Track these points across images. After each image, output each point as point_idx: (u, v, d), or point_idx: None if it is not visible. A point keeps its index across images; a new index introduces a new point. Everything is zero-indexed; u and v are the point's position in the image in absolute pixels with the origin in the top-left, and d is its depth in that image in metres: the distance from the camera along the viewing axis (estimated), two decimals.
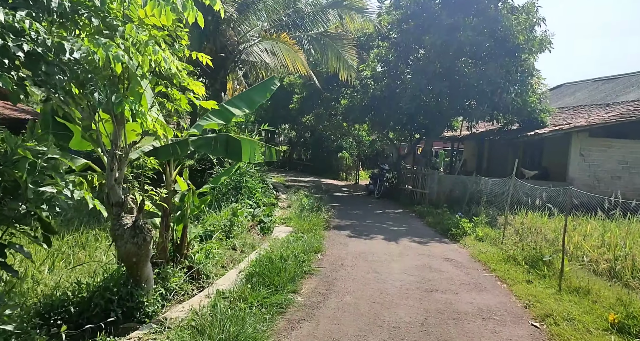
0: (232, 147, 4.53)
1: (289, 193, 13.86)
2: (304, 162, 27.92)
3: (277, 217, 9.22)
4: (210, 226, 7.61)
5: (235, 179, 10.27)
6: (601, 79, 19.65)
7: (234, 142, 4.52)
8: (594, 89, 18.97)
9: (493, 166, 21.86)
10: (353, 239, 8.41)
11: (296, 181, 20.85)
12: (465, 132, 21.14)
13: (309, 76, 13.88)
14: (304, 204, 10.37)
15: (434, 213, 11.53)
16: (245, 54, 14.26)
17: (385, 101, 14.95)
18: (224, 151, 4.49)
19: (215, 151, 4.44)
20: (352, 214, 11.87)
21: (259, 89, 5.28)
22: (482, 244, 8.33)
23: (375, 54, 14.53)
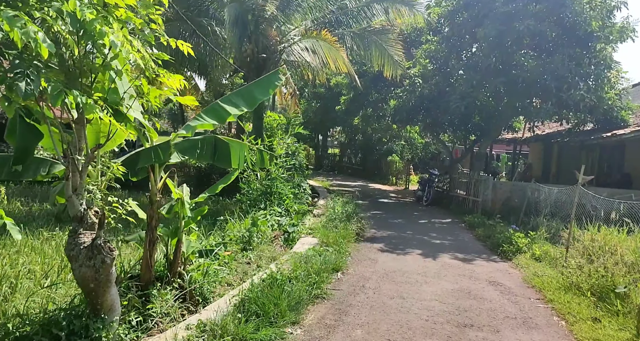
0: (220, 151, 3.94)
1: (330, 199, 13.17)
2: (353, 166, 27.10)
3: (305, 226, 8.56)
4: (229, 236, 7.14)
5: (266, 184, 9.78)
6: None
7: (222, 145, 3.94)
8: None
9: (563, 171, 19.55)
10: (384, 255, 7.51)
11: (342, 185, 20.13)
12: (527, 134, 19.18)
13: (351, 75, 13.10)
14: (336, 212, 9.62)
15: (486, 224, 10.24)
16: (286, 53, 13.82)
17: (435, 100, 13.78)
18: (211, 155, 3.91)
19: (201, 155, 3.87)
20: (392, 223, 10.90)
21: (261, 85, 4.63)
22: (538, 265, 7.05)
23: (423, 50, 13.41)
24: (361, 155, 26.20)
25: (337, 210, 9.78)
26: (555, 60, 10.95)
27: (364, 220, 10.66)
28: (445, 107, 13.02)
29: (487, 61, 11.47)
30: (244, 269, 5.94)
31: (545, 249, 7.58)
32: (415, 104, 14.61)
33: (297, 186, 11.84)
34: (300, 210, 10.14)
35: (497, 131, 14.45)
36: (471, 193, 12.98)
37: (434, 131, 16.55)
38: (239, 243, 6.97)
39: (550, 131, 17.28)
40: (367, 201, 15.07)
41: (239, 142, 4.21)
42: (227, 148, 3.98)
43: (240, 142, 4.21)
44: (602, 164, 15.01)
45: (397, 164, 22.16)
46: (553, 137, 15.54)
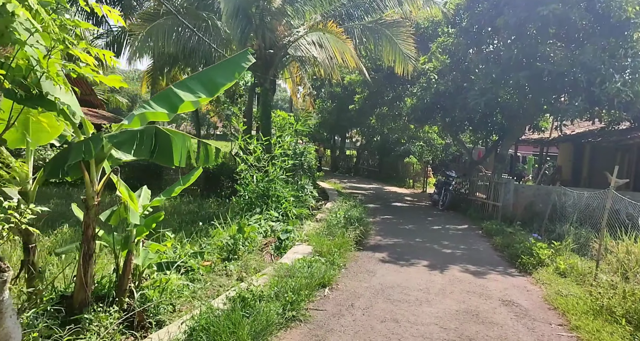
0: (161, 145, 3.29)
1: (338, 202, 12.42)
2: (370, 168, 26.20)
3: (301, 233, 7.84)
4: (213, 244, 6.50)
5: (264, 186, 9.13)
6: None
7: (163, 138, 3.28)
8: None
9: (595, 174, 18.12)
10: (385, 266, 6.70)
11: (356, 188, 19.32)
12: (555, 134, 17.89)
13: (360, 69, 12.31)
14: (338, 217, 8.85)
15: (505, 231, 9.25)
16: (293, 48, 13.17)
17: (452, 97, 12.84)
18: (150, 150, 3.26)
19: (139, 150, 3.22)
20: (401, 230, 10.05)
21: (225, 67, 3.92)
22: (563, 282, 6.09)
23: (439, 43, 12.48)
24: (378, 157, 25.28)
25: (339, 215, 9.02)
26: (586, 51, 9.85)
27: (370, 225, 9.87)
28: (463, 104, 12.06)
29: (509, 52, 10.46)
30: (221, 283, 5.28)
31: (571, 263, 6.60)
32: (430, 101, 13.68)
33: (302, 188, 11.15)
34: (301, 214, 9.44)
35: (520, 131, 13.36)
36: (491, 197, 11.96)
37: (452, 130, 15.54)
38: (223, 252, 6.33)
39: (581, 131, 15.99)
40: (379, 205, 14.22)
41: (182, 134, 3.53)
42: (168, 142, 3.32)
43: (183, 135, 3.53)
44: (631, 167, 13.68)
45: (414, 166, 21.15)
46: (584, 137, 14.29)
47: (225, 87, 3.85)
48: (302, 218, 9.53)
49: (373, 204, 14.34)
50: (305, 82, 25.64)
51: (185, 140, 3.48)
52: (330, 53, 11.91)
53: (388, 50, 11.73)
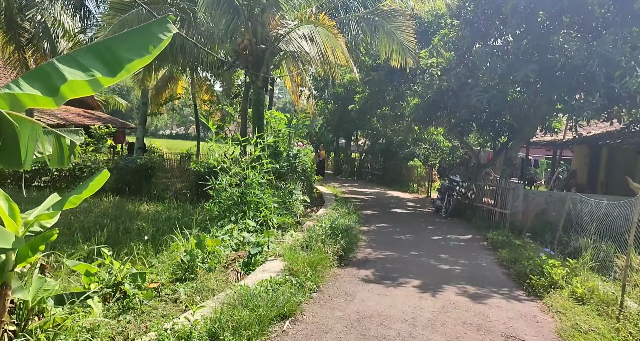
0: (5, 137, 2.37)
1: (332, 209, 11.47)
2: (373, 172, 25.17)
3: (278, 246, 6.89)
4: (169, 260, 5.61)
5: (239, 191, 8.20)
6: None
7: (7, 128, 2.36)
8: None
9: (613, 179, 16.86)
10: (368, 287, 5.71)
11: (356, 192, 18.33)
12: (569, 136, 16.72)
13: (350, 66, 11.35)
14: (323, 227, 7.88)
15: (512, 243, 8.20)
16: (285, 43, 12.26)
17: (455, 94, 11.81)
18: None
19: None
20: (396, 240, 9.04)
21: (134, 38, 2.94)
22: (581, 311, 5.04)
23: (442, 36, 11.48)
24: (381, 160, 24.25)
25: (324, 224, 8.04)
26: (605, 41, 8.77)
27: (360, 236, 8.89)
28: (466, 102, 11.02)
29: (517, 44, 9.42)
30: (163, 312, 4.35)
31: (591, 286, 5.53)
32: (433, 100, 12.68)
33: (289, 193, 10.21)
34: (284, 223, 8.49)
35: (531, 132, 12.25)
36: (498, 204, 10.88)
37: (457, 131, 14.49)
38: (179, 270, 5.41)
39: (598, 132, 14.82)
40: (377, 211, 13.22)
41: (31, 122, 2.58)
42: (13, 133, 2.41)
43: (32, 123, 2.58)
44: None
45: (418, 170, 20.09)
46: (601, 139, 13.12)
47: (135, 66, 2.91)
48: (286, 227, 8.60)
49: (370, 210, 13.35)
50: (306, 83, 24.80)
51: (34, 130, 2.53)
52: (322, 48, 11.00)
53: (384, 41, 10.76)
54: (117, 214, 10.77)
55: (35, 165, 14.22)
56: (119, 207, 12.00)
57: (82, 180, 15.15)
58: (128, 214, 10.94)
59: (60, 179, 15.02)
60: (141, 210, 11.97)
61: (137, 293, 4.36)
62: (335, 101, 25.44)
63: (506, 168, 12.05)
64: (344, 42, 10.45)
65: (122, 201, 13.18)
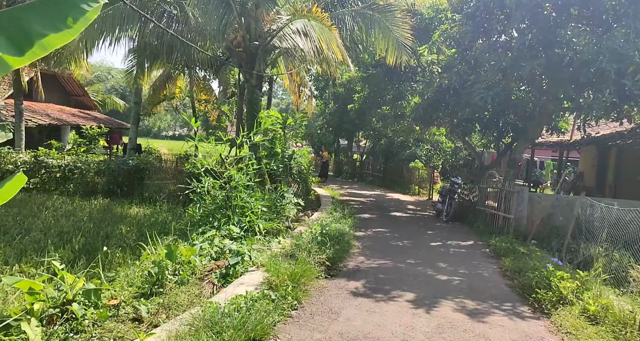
0: None
1: (326, 213, 10.94)
2: (374, 173, 24.61)
3: (262, 255, 6.36)
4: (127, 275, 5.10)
5: (223, 194, 7.69)
6: None
7: None
8: None
9: (623, 182, 16.21)
10: (357, 302, 5.17)
11: (355, 195, 17.80)
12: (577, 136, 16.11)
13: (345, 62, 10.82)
14: (314, 233, 7.35)
15: (517, 251, 7.62)
16: (278, 38, 11.77)
17: (457, 93, 11.25)
18: None
19: None
20: (392, 247, 8.49)
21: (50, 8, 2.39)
22: (594, 333, 4.47)
23: (442, 31, 10.93)
24: (382, 161, 23.70)
25: (314, 230, 7.51)
26: (615, 35, 8.19)
27: (354, 242, 8.35)
28: (468, 101, 10.46)
29: (521, 38, 8.86)
30: (119, 334, 3.83)
31: (605, 303, 4.96)
32: (433, 98, 12.13)
33: (281, 196, 9.70)
34: (272, 229, 7.97)
35: (536, 132, 11.65)
36: (501, 208, 10.30)
37: (459, 131, 13.92)
38: (146, 284, 4.90)
39: (607, 132, 14.18)
40: (375, 215, 12.67)
41: None
42: None
43: None
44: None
45: (420, 171, 19.51)
46: (611, 139, 12.50)
47: (52, 43, 2.36)
48: (275, 233, 8.08)
49: (368, 214, 12.80)
50: (306, 83, 24.30)
51: None
52: (316, 43, 10.49)
53: (380, 38, 10.23)
54: (101, 217, 10.30)
55: (24, 166, 13.79)
56: (106, 210, 11.53)
57: (73, 182, 14.75)
58: (114, 218, 10.46)
59: (49, 180, 14.58)
60: (129, 213, 11.48)
61: (87, 314, 3.85)
62: (335, 100, 24.95)
63: (510, 170, 11.47)
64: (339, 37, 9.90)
65: (112, 203, 12.71)
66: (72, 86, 22.76)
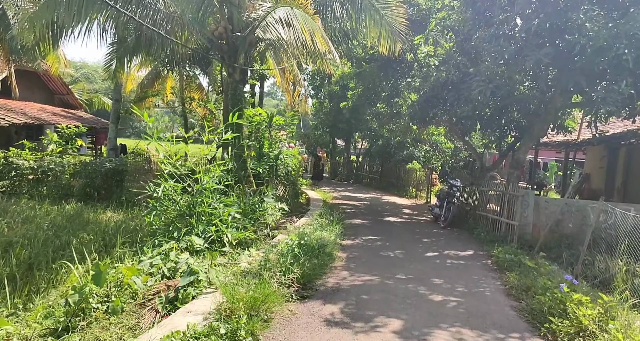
0: None
1: (312, 218, 10.01)
2: (370, 175, 23.63)
3: (225, 272, 5.40)
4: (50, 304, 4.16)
5: (187, 199, 6.74)
6: None
7: None
8: None
9: (632, 183, 15.24)
10: (330, 334, 4.20)
11: (349, 198, 16.84)
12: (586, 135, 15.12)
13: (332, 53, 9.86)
14: (290, 245, 6.38)
15: (522, 264, 6.66)
16: (262, 29, 10.83)
17: (455, 87, 10.30)
18: None
19: None
20: (383, 258, 7.51)
21: None
22: None
23: (439, 19, 9.97)
24: (379, 162, 22.71)
25: (290, 242, 6.54)
26: (634, 18, 7.23)
27: (339, 253, 7.40)
28: (467, 96, 9.49)
29: (527, 24, 7.90)
30: None
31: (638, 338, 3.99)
32: (430, 94, 11.17)
33: (260, 201, 8.74)
34: (245, 239, 7.02)
35: (542, 130, 10.66)
36: (504, 214, 9.32)
37: (458, 130, 12.95)
38: (62, 316, 3.95)
39: (617, 131, 13.21)
40: (367, 220, 11.71)
41: None
42: None
43: None
44: None
45: (417, 173, 18.54)
46: (624, 138, 11.52)
47: None
48: (250, 243, 7.13)
49: (360, 219, 11.84)
50: (299, 80, 23.34)
51: None
52: (300, 33, 9.56)
53: (371, 24, 9.28)
54: (64, 224, 9.34)
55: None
56: (76, 216, 10.56)
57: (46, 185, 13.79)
58: (79, 225, 9.50)
59: (21, 184, 13.62)
60: (100, 219, 10.52)
61: None
62: (330, 99, 24.00)
63: (513, 172, 10.50)
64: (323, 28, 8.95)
65: (85, 208, 11.75)
66: (55, 84, 21.84)
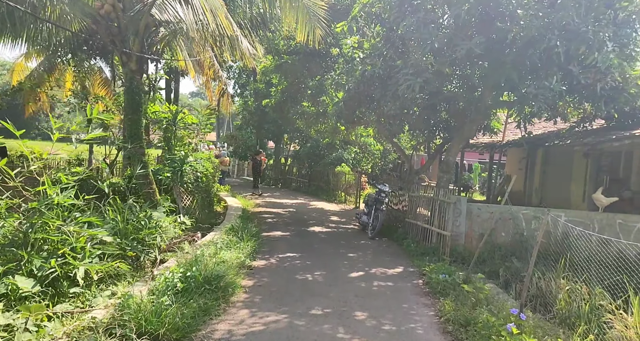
0: None
1: (226, 232, 8.44)
2: (299, 179, 22.40)
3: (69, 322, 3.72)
4: None
5: (21, 222, 4.86)
6: None
7: None
8: None
9: (550, 186, 15.50)
10: None
11: (274, 204, 15.40)
12: (509, 136, 15.09)
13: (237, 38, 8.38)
14: (170, 281, 4.79)
15: (457, 287, 5.66)
16: (158, 8, 9.01)
17: (382, 83, 9.30)
18: None
19: None
20: (298, 284, 6.16)
21: None
22: None
23: (362, 5, 8.90)
24: (307, 165, 21.53)
25: (173, 275, 4.94)
26: (565, 6, 6.62)
27: (247, 279, 5.94)
28: (394, 92, 8.50)
29: (456, 10, 7.03)
30: None
31: None
32: (355, 90, 10.09)
33: (148, 217, 6.98)
34: (115, 271, 5.28)
35: (471, 130, 10.03)
36: (434, 222, 8.43)
37: (386, 130, 12.07)
38: None
39: (538, 132, 13.18)
40: (289, 232, 10.35)
41: None
42: None
43: None
44: (600, 177, 10.87)
45: (346, 177, 17.59)
46: (547, 139, 11.31)
47: None
48: (120, 276, 5.40)
49: (281, 231, 10.44)
50: (219, 76, 21.46)
51: None
52: (200, 12, 7.96)
53: (287, 7, 7.97)
54: None
55: None
56: None
57: None
58: None
59: None
60: None
61: None
62: (256, 97, 22.38)
63: (443, 175, 9.73)
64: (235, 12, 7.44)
65: None
66: None
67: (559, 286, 5.30)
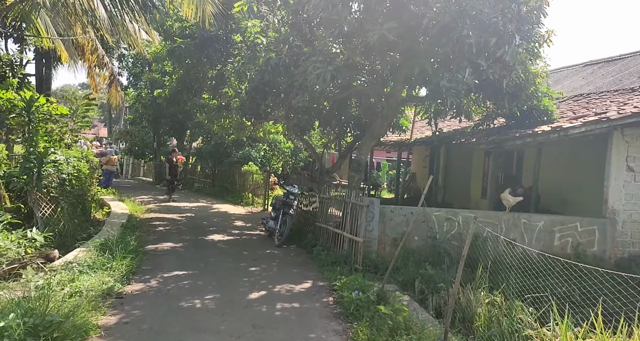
0: None
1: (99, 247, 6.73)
2: (202, 179, 20.55)
3: None
4: None
5: None
6: (597, 62, 14.48)
7: None
8: (591, 74, 13.69)
9: (452, 183, 15.98)
10: None
11: (170, 209, 13.58)
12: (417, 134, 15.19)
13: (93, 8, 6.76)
14: None
15: (372, 306, 4.87)
16: None
17: (289, 73, 8.27)
18: None
19: None
20: (183, 314, 4.84)
21: None
22: None
23: None
24: (211, 164, 19.79)
25: None
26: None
27: (114, 314, 4.47)
28: (302, 82, 7.53)
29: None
30: None
31: None
32: (259, 81, 8.93)
33: None
34: None
35: (382, 128, 9.45)
36: (346, 227, 7.65)
37: (295, 126, 11.12)
38: None
39: (444, 130, 13.31)
40: (183, 242, 8.86)
41: None
42: None
43: None
44: (495, 174, 11.22)
45: (254, 176, 16.34)
46: (453, 137, 11.29)
47: None
48: None
49: (172, 242, 8.89)
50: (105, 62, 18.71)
51: None
52: None
53: None
54: None
55: None
56: None
57: None
58: None
59: None
60: None
61: None
62: (151, 88, 19.99)
63: (355, 175, 9.06)
64: None
65: None
66: None
67: (477, 299, 4.76)
